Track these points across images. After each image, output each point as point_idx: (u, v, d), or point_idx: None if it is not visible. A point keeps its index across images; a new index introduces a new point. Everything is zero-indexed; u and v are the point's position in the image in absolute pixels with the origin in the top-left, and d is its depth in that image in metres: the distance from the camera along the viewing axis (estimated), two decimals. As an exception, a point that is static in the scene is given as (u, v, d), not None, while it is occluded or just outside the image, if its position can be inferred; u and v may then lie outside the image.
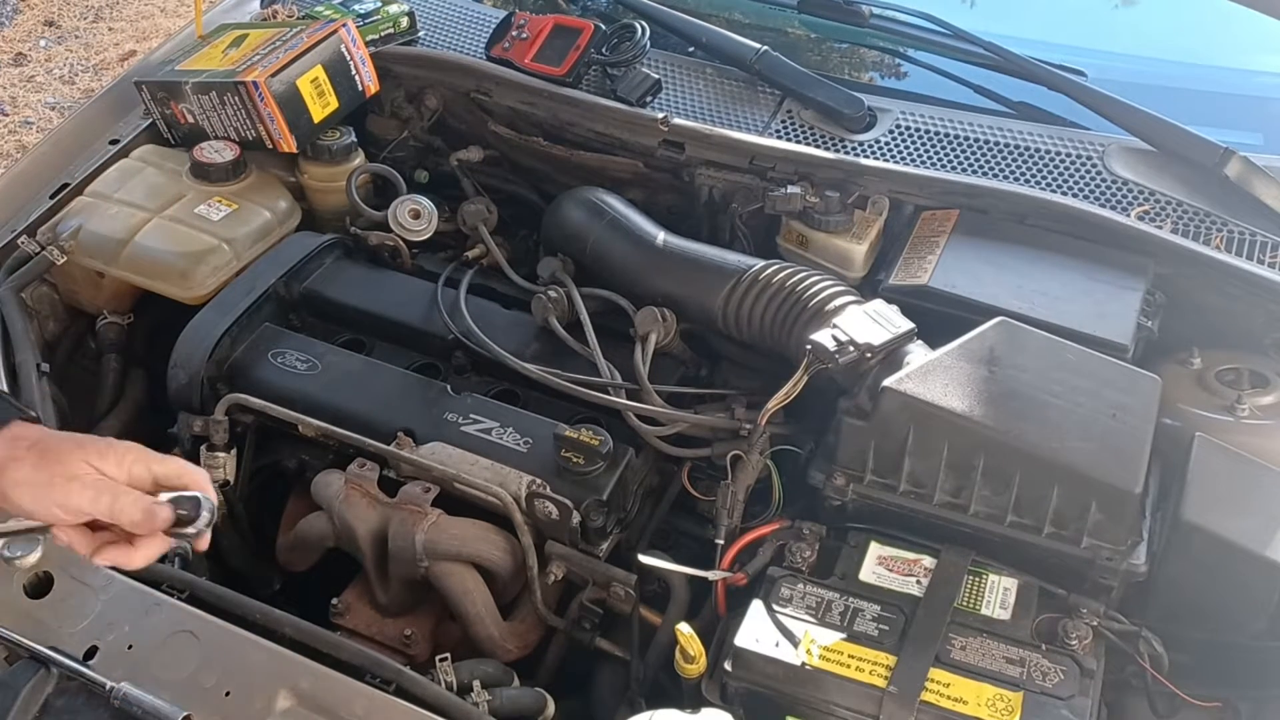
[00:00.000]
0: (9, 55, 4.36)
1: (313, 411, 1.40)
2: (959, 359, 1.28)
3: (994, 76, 1.79)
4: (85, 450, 0.96)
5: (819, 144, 1.68)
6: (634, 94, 1.74)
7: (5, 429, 0.98)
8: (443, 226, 1.71)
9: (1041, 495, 1.21)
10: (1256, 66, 1.96)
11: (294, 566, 1.43)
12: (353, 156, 1.78)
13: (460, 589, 1.31)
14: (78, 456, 0.96)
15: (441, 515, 1.32)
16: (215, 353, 1.47)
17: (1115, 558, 1.19)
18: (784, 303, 1.42)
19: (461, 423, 1.39)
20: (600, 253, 1.59)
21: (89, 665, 1.14)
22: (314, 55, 1.74)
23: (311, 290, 1.59)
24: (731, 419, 1.39)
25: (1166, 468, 1.30)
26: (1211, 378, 1.40)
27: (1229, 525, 1.20)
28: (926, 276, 1.47)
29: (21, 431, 0.98)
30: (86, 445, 0.97)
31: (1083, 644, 1.13)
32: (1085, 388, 1.26)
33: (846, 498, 1.28)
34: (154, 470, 0.99)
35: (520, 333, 1.52)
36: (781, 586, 1.20)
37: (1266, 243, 1.50)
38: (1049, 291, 1.44)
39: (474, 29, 1.95)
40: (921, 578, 1.20)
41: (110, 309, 1.65)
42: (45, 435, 0.98)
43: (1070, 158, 1.63)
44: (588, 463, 1.32)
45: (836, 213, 1.58)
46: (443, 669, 1.20)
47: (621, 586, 1.30)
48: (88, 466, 0.95)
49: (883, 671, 1.10)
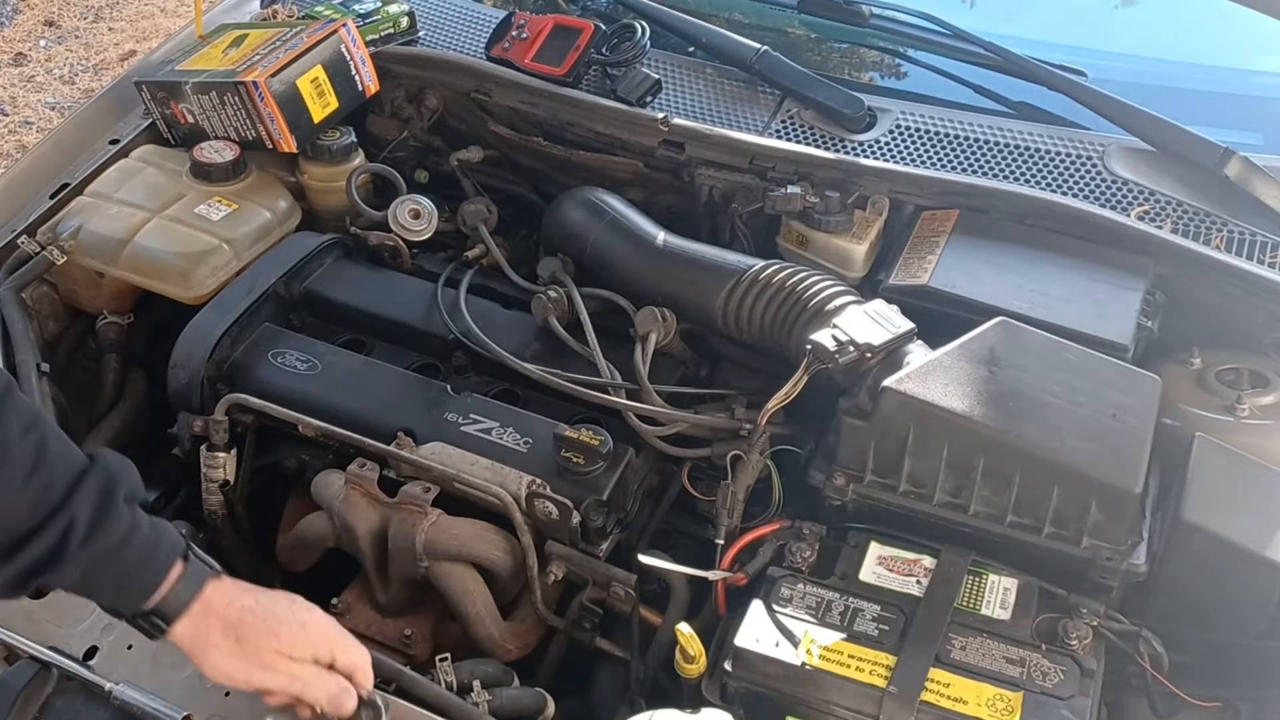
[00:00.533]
0: (9, 55, 4.36)
1: (313, 411, 1.40)
2: (959, 359, 1.28)
3: (994, 76, 1.79)
4: (278, 637, 1.03)
5: (819, 144, 1.68)
6: (634, 94, 1.74)
7: (199, 597, 1.01)
8: (443, 226, 1.71)
9: (1041, 495, 1.21)
10: (1256, 66, 1.96)
11: (294, 566, 1.43)
12: (353, 156, 1.78)
13: (460, 589, 1.31)
14: (270, 646, 1.02)
15: (441, 515, 1.32)
16: (215, 353, 1.47)
17: (1115, 558, 1.19)
18: (784, 303, 1.42)
19: (461, 423, 1.39)
20: (600, 253, 1.59)
21: (89, 665, 1.14)
22: (314, 55, 1.74)
23: (311, 290, 1.59)
24: (731, 419, 1.39)
25: (1166, 468, 1.30)
26: (1211, 378, 1.40)
27: (1229, 525, 1.20)
28: (926, 276, 1.47)
29: (215, 603, 1.02)
30: (279, 632, 1.03)
31: (1083, 644, 1.13)
32: (1085, 388, 1.26)
33: (846, 498, 1.28)
34: (338, 657, 1.07)
35: (520, 333, 1.52)
36: (781, 586, 1.20)
37: (1266, 243, 1.50)
38: (1049, 291, 1.44)
39: (474, 29, 1.95)
40: (921, 578, 1.20)
41: (110, 309, 1.65)
42: (239, 616, 1.02)
43: (1070, 158, 1.63)
44: (588, 463, 1.32)
45: (836, 213, 1.58)
46: (443, 669, 1.20)
47: (621, 586, 1.30)
48: (279, 657, 1.03)
49: (883, 671, 1.10)
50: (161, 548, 1.00)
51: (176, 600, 1.00)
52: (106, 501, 0.96)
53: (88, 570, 0.96)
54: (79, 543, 0.94)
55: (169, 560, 1.00)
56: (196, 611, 1.01)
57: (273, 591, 1.07)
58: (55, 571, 0.95)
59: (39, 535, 0.93)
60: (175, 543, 1.02)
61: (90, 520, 0.94)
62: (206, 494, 1.42)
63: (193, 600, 1.01)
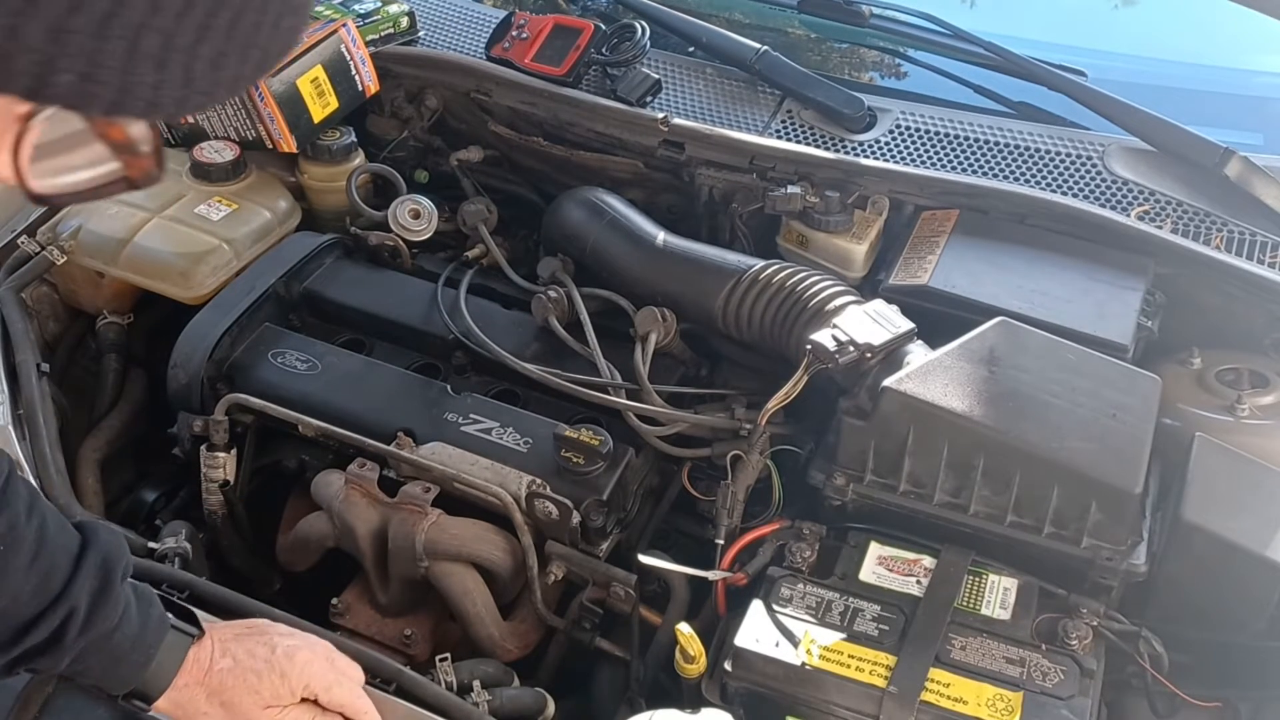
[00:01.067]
0: (9, 55, 4.35)
1: (313, 411, 1.40)
2: (959, 359, 1.28)
3: (994, 76, 1.79)
4: (260, 694, 1.02)
5: (819, 144, 1.68)
6: (634, 94, 1.74)
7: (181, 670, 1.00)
8: (443, 226, 1.70)
9: (1041, 495, 1.21)
10: (1256, 66, 1.97)
11: (294, 566, 1.43)
12: (353, 156, 1.78)
13: (460, 589, 1.31)
14: (254, 704, 1.02)
15: (441, 515, 1.32)
16: (215, 353, 1.47)
17: (1115, 558, 1.19)
18: (784, 303, 1.42)
19: (461, 423, 1.39)
20: (600, 253, 1.59)
21: (89, 665, 1.14)
22: (314, 55, 1.74)
23: (311, 290, 1.59)
24: (731, 419, 1.39)
25: (1166, 468, 1.30)
26: (1211, 378, 1.40)
27: (1229, 525, 1.20)
28: (926, 276, 1.47)
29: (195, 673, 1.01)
30: (261, 689, 1.02)
31: (1083, 644, 1.13)
32: (1085, 388, 1.26)
33: (846, 498, 1.28)
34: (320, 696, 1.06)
35: (520, 333, 1.52)
36: (781, 586, 1.20)
37: (1266, 243, 1.50)
38: (1049, 291, 1.44)
39: (474, 29, 1.95)
40: (921, 578, 1.20)
41: (110, 309, 1.64)
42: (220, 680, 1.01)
43: (1070, 158, 1.63)
44: (588, 463, 1.32)
45: (836, 213, 1.58)
46: (443, 669, 1.20)
47: (621, 586, 1.30)
48: (266, 711, 1.03)
49: (883, 671, 1.10)
50: (149, 626, 0.99)
51: (162, 677, 0.99)
52: (105, 587, 0.95)
53: (79, 655, 0.95)
54: (77, 631, 0.93)
55: (158, 637, 0.99)
56: (180, 685, 1.00)
57: (251, 636, 1.06)
58: (49, 659, 0.94)
59: (38, 625, 0.91)
60: (161, 617, 1.01)
61: (89, 607, 0.93)
62: (206, 494, 1.41)
63: (176, 674, 1.00)
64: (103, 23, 0.46)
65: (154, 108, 0.51)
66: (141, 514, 1.46)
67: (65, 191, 0.58)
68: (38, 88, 0.47)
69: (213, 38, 0.50)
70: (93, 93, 0.48)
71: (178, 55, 0.49)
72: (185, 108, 0.52)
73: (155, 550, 1.29)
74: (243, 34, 0.51)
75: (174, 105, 0.51)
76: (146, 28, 0.47)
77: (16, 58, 0.45)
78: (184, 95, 0.51)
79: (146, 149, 0.58)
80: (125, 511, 1.47)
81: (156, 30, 0.47)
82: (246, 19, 0.51)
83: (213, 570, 1.38)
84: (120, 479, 1.53)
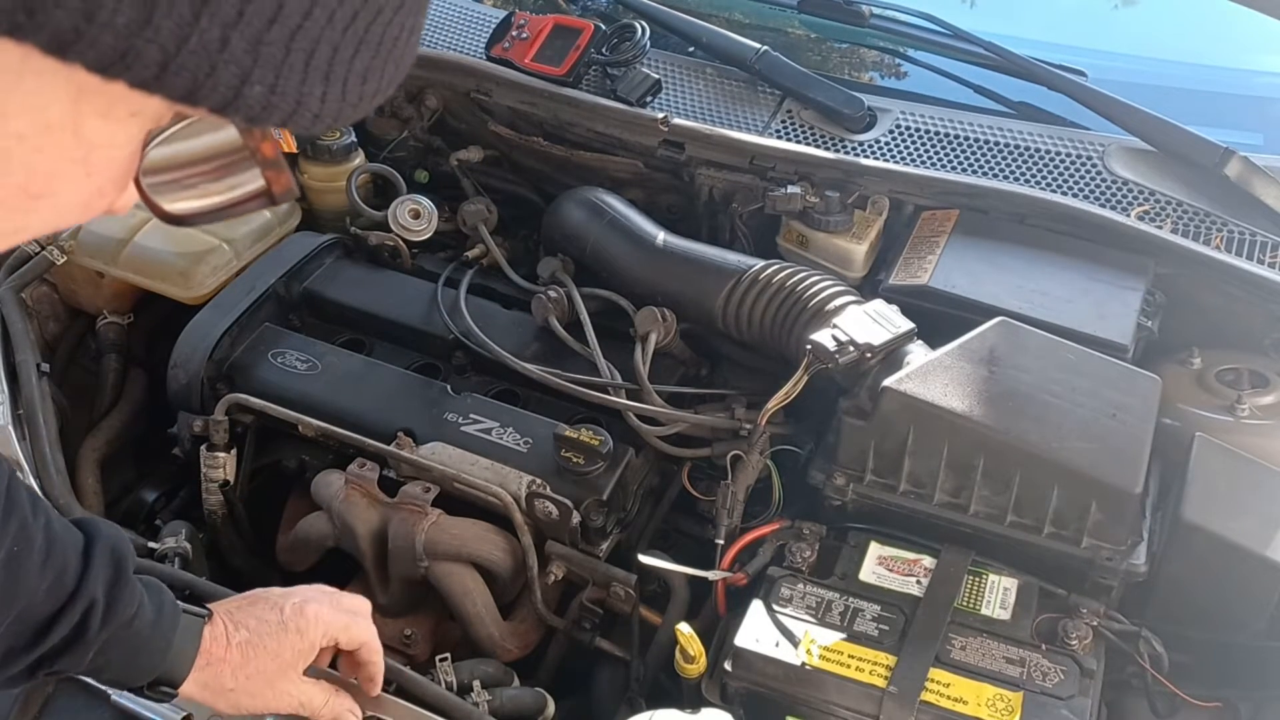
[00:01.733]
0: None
1: (313, 411, 1.40)
2: (959, 359, 1.28)
3: (994, 76, 1.79)
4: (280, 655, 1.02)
5: (819, 144, 1.68)
6: (634, 94, 1.74)
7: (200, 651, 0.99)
8: (443, 226, 1.70)
9: (1041, 495, 1.21)
10: (1256, 66, 1.97)
11: (294, 566, 1.43)
12: (353, 156, 1.78)
13: (460, 589, 1.31)
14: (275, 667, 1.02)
15: (441, 515, 1.32)
16: (215, 353, 1.47)
17: (1115, 558, 1.19)
18: (784, 303, 1.42)
19: (461, 423, 1.39)
20: (600, 253, 1.59)
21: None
22: (314, 55, 1.73)
23: (311, 290, 1.59)
24: (731, 419, 1.39)
25: (1166, 468, 1.30)
26: (1211, 378, 1.40)
27: (1229, 525, 1.20)
28: (926, 276, 1.47)
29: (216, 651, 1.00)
30: (281, 651, 1.02)
31: (1083, 644, 1.13)
32: (1085, 388, 1.26)
33: (846, 498, 1.28)
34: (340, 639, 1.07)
35: (520, 333, 1.52)
36: (781, 586, 1.20)
37: (1266, 243, 1.50)
38: (1049, 291, 1.44)
39: (474, 29, 1.95)
40: (921, 578, 1.20)
41: (110, 309, 1.65)
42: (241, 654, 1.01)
43: (1070, 158, 1.63)
44: (588, 463, 1.31)
45: (836, 213, 1.58)
46: (443, 669, 1.20)
47: (621, 586, 1.30)
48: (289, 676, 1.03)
49: (883, 671, 1.10)
50: (164, 612, 0.98)
51: (184, 661, 0.98)
52: (119, 576, 0.94)
53: (101, 649, 0.94)
54: (99, 623, 0.92)
55: (173, 622, 0.98)
56: (202, 665, 0.99)
57: (255, 604, 1.05)
58: (71, 657, 0.92)
59: (59, 622, 0.90)
60: (172, 602, 1.00)
61: (107, 598, 0.92)
62: (206, 494, 1.42)
63: (197, 656, 0.99)
64: (292, 36, 0.46)
65: (317, 120, 0.50)
66: (141, 514, 1.46)
67: (202, 211, 0.58)
68: (232, 100, 0.47)
69: (365, 51, 0.50)
70: (274, 106, 0.48)
71: (339, 68, 0.49)
72: (338, 121, 0.52)
73: (155, 550, 1.30)
74: (387, 47, 0.51)
75: (332, 118, 0.51)
76: (322, 41, 0.47)
77: (221, 70, 0.45)
78: (339, 109, 0.51)
79: (285, 164, 0.58)
80: (125, 511, 1.47)
81: (327, 43, 0.48)
82: (390, 32, 0.51)
83: (213, 570, 1.38)
84: (120, 479, 1.53)
